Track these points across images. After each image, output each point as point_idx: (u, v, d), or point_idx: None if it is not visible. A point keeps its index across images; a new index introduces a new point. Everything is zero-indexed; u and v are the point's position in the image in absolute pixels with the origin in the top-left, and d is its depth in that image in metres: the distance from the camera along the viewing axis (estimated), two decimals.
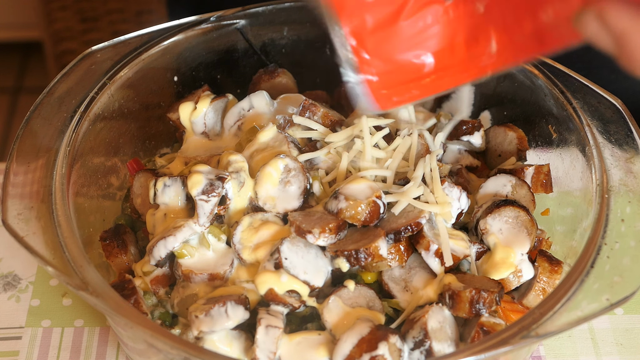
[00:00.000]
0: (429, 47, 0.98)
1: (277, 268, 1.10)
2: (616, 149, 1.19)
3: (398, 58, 0.98)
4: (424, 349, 1.05)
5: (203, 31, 1.38)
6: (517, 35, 0.95)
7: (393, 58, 0.97)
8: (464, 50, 0.98)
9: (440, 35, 0.97)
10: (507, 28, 0.95)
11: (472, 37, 0.97)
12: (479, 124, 1.33)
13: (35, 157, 1.17)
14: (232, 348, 1.08)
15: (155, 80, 1.38)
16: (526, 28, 0.93)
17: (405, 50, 0.97)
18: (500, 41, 0.96)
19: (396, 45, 0.97)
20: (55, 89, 1.25)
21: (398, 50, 0.97)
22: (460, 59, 0.99)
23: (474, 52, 0.98)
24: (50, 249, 1.06)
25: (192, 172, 1.17)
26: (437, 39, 0.97)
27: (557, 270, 1.16)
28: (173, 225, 1.16)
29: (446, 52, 0.98)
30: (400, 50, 0.97)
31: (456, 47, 0.98)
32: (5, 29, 3.52)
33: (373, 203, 1.13)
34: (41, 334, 1.30)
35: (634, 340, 1.29)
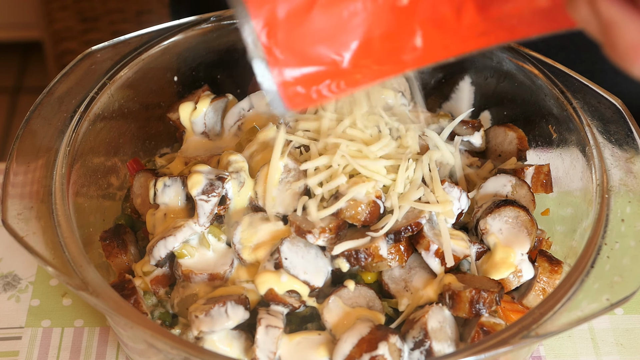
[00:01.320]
0: (345, 41, 0.90)
1: (277, 268, 1.10)
2: (616, 149, 1.19)
3: (312, 53, 0.90)
4: (424, 349, 1.05)
5: (203, 31, 1.38)
6: (453, 28, 0.89)
7: (306, 54, 0.90)
8: (384, 45, 0.91)
9: (357, 29, 0.90)
10: (440, 21, 0.89)
11: (393, 32, 0.90)
12: (479, 124, 1.33)
13: (35, 157, 1.17)
14: (232, 348, 1.08)
15: (155, 80, 1.38)
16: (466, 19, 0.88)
17: (319, 44, 0.90)
18: (427, 35, 0.90)
19: (310, 40, 0.90)
20: (55, 89, 1.25)
21: (311, 45, 0.90)
22: (380, 54, 0.92)
23: (395, 46, 0.91)
24: (50, 249, 1.06)
25: (192, 172, 1.17)
26: (354, 33, 0.90)
27: (557, 270, 1.16)
28: (173, 225, 1.16)
29: (364, 47, 0.91)
30: (314, 45, 0.90)
31: (375, 42, 0.91)
32: (5, 29, 3.52)
33: (373, 203, 1.13)
34: (41, 334, 1.30)
35: (634, 340, 1.29)
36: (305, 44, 0.90)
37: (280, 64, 0.90)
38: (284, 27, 0.89)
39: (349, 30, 0.90)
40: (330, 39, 0.90)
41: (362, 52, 0.91)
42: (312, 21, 0.89)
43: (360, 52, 0.91)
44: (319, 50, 0.91)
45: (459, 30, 0.89)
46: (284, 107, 0.93)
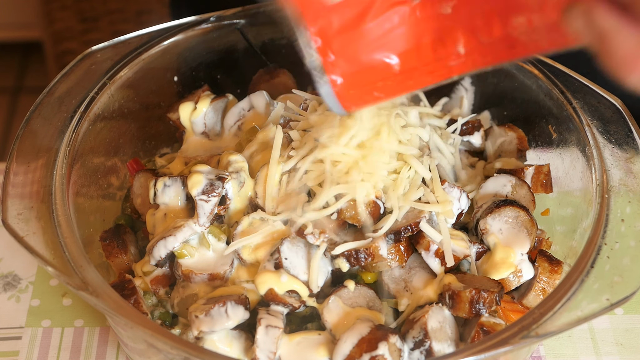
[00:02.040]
0: (395, 48, 0.96)
1: (277, 268, 1.10)
2: (616, 149, 1.19)
3: (364, 59, 0.96)
4: (424, 349, 1.05)
5: (203, 31, 1.38)
6: (485, 38, 0.94)
7: (359, 59, 0.96)
8: (431, 52, 0.96)
9: (406, 36, 0.96)
10: (475, 30, 0.94)
11: (439, 39, 0.96)
12: (479, 124, 1.33)
13: (35, 157, 1.17)
14: (232, 348, 1.08)
15: (155, 80, 1.38)
16: (495, 32, 0.92)
17: (371, 51, 0.96)
18: (468, 43, 0.95)
19: (362, 46, 0.95)
20: (55, 89, 1.25)
21: (364, 51, 0.96)
22: (427, 60, 0.97)
23: (441, 53, 0.96)
24: (50, 249, 1.06)
25: (192, 172, 1.17)
26: (403, 39, 0.96)
27: (557, 270, 1.16)
28: (173, 225, 1.16)
29: (413, 53, 0.97)
30: (367, 51, 0.96)
31: (423, 48, 0.96)
32: (5, 29, 3.52)
33: (373, 203, 1.13)
34: (41, 334, 1.30)
35: (634, 340, 1.29)
36: (359, 51, 0.95)
37: (336, 71, 0.95)
38: (338, 37, 0.94)
39: (399, 38, 0.96)
40: (382, 45, 0.96)
41: (412, 57, 0.96)
42: (365, 30, 0.94)
43: (410, 58, 0.96)
44: (372, 56, 0.96)
45: (492, 41, 0.93)
46: (342, 110, 0.98)
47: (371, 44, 0.95)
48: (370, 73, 0.97)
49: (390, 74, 0.97)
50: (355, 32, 0.94)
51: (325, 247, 1.11)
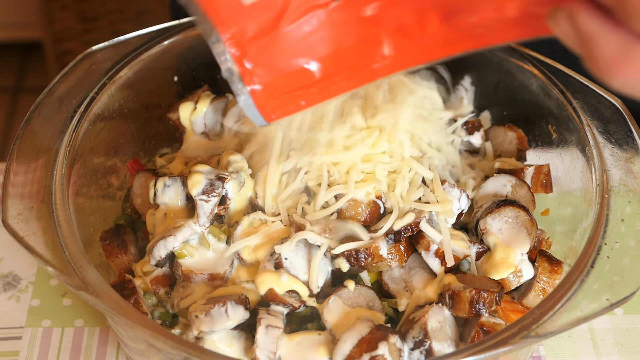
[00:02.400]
0: (315, 53, 0.92)
1: (277, 268, 1.10)
2: (616, 149, 1.19)
3: (283, 66, 0.92)
4: (424, 349, 1.05)
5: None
6: (419, 37, 0.90)
7: (277, 66, 0.92)
8: (352, 55, 0.93)
9: (326, 41, 0.92)
10: (405, 29, 0.91)
11: (361, 41, 0.92)
12: (479, 124, 1.33)
13: (35, 157, 1.17)
14: (232, 348, 1.08)
15: (155, 80, 1.38)
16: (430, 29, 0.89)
17: (290, 57, 0.92)
18: (394, 43, 0.92)
19: (280, 53, 0.91)
20: (55, 89, 1.25)
21: (282, 58, 0.92)
22: (349, 65, 0.94)
23: (364, 56, 0.93)
24: (50, 249, 1.06)
25: (192, 172, 1.17)
26: (323, 44, 0.92)
27: (557, 270, 1.16)
28: (173, 225, 1.16)
29: (333, 58, 0.93)
30: (285, 58, 0.92)
31: (344, 52, 0.93)
32: (5, 29, 3.52)
33: (373, 203, 1.13)
34: (41, 334, 1.30)
35: (634, 340, 1.29)
36: (277, 57, 0.91)
37: (254, 80, 0.91)
38: (254, 43, 0.90)
39: (318, 42, 0.92)
40: (301, 51, 0.92)
41: (333, 62, 0.93)
42: (282, 35, 0.90)
43: (331, 63, 0.93)
44: (291, 62, 0.92)
45: (425, 39, 0.90)
46: (262, 120, 0.95)
47: (289, 49, 0.91)
48: (290, 80, 0.93)
49: (312, 81, 0.93)
50: (272, 37, 0.90)
51: (326, 248, 1.11)
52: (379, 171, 1.14)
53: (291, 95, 0.94)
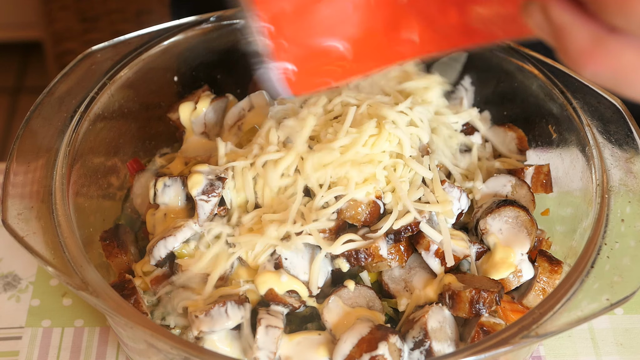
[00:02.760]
0: (347, 33, 0.96)
1: (277, 268, 1.10)
2: (616, 149, 1.19)
3: (315, 44, 0.96)
4: (424, 349, 1.05)
5: (203, 31, 1.38)
6: (441, 26, 0.94)
7: (310, 44, 0.96)
8: (383, 37, 0.96)
9: (359, 22, 0.95)
10: (431, 18, 0.94)
11: (393, 24, 0.96)
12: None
13: (35, 157, 1.17)
14: (232, 348, 1.08)
15: (155, 80, 1.38)
16: (450, 20, 0.92)
17: (323, 36, 0.95)
18: (422, 30, 0.95)
19: (314, 32, 0.95)
20: (55, 89, 1.25)
21: (316, 37, 0.95)
22: (379, 45, 0.97)
23: (394, 39, 0.96)
24: (50, 249, 1.06)
25: (192, 172, 1.17)
26: (356, 25, 0.95)
27: (557, 270, 1.16)
28: (173, 225, 1.16)
29: (365, 39, 0.96)
30: (318, 37, 0.95)
31: (375, 34, 0.96)
32: (5, 29, 3.52)
33: (373, 203, 1.13)
34: (41, 334, 1.30)
35: (634, 340, 1.29)
36: (310, 36, 0.95)
37: (287, 56, 0.94)
38: (291, 23, 0.93)
39: (352, 22, 0.95)
40: (334, 30, 0.95)
41: (364, 42, 0.96)
42: (318, 14, 0.94)
43: (362, 42, 0.96)
44: (324, 41, 0.95)
45: (446, 28, 0.94)
46: (290, 94, 0.98)
47: (323, 30, 0.95)
48: (320, 58, 0.96)
49: (340, 59, 0.96)
50: (308, 18, 0.93)
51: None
52: (379, 171, 1.14)
53: (320, 72, 0.97)
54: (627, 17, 0.66)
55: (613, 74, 0.70)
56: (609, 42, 0.69)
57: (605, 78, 0.71)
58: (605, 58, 0.70)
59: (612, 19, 0.67)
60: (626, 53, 0.69)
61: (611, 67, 0.70)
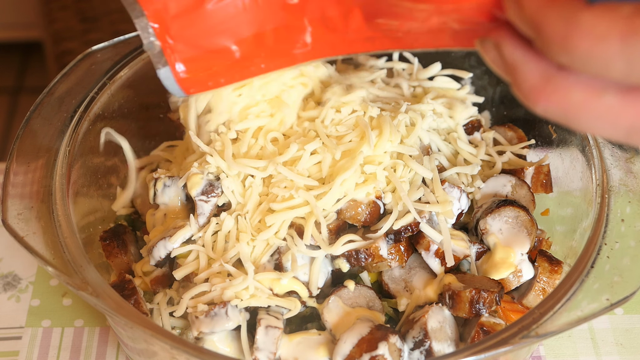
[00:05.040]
0: (237, 33, 0.95)
1: (277, 269, 1.10)
2: (616, 149, 1.19)
3: (204, 43, 0.95)
4: (424, 349, 1.05)
5: None
6: (338, 30, 0.92)
7: (199, 43, 0.95)
8: (274, 39, 0.95)
9: (249, 22, 0.94)
10: (328, 21, 0.93)
11: (283, 26, 0.94)
12: (479, 124, 1.33)
13: (35, 157, 1.17)
14: (232, 348, 1.08)
15: (155, 80, 1.37)
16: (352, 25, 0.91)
17: (211, 36, 0.94)
18: (316, 33, 0.94)
19: (202, 31, 0.94)
20: (55, 89, 1.26)
21: (204, 36, 0.94)
22: (271, 47, 0.96)
23: (285, 41, 0.95)
24: (50, 249, 1.06)
25: (191, 172, 1.17)
26: (245, 25, 0.94)
27: (557, 270, 1.16)
28: (173, 226, 1.16)
29: (255, 40, 0.95)
30: (207, 36, 0.94)
31: (266, 35, 0.95)
32: (5, 29, 3.52)
33: (373, 203, 1.13)
34: (41, 334, 1.30)
35: (634, 340, 1.29)
36: (198, 35, 0.94)
37: (175, 55, 0.94)
38: (177, 20, 0.92)
39: (241, 24, 0.94)
40: (223, 31, 0.94)
41: (254, 44, 0.95)
42: (205, 14, 0.93)
43: (252, 44, 0.95)
44: (212, 41, 0.95)
45: (346, 33, 0.92)
46: (181, 93, 0.98)
47: (211, 28, 0.94)
48: (210, 57, 0.96)
49: (232, 60, 0.96)
50: (195, 15, 0.92)
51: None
52: (380, 171, 1.14)
53: (211, 72, 0.97)
54: (571, 55, 0.66)
55: (563, 111, 0.71)
56: (558, 80, 0.70)
57: (556, 115, 0.72)
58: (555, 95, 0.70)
59: (558, 57, 0.68)
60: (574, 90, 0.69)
61: (560, 104, 0.70)
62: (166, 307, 1.13)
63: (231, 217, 1.13)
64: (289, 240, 1.10)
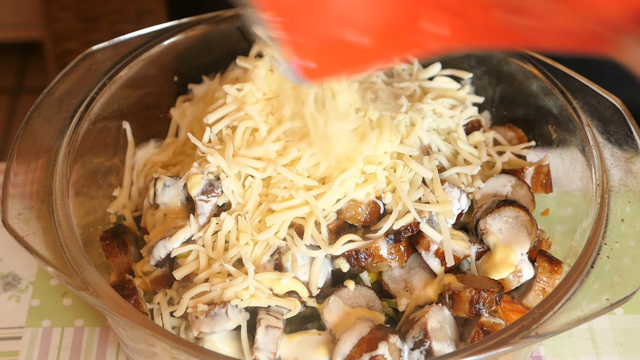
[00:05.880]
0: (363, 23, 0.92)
1: (277, 269, 1.10)
2: (616, 149, 1.19)
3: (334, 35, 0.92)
4: (424, 349, 1.05)
5: (203, 31, 1.38)
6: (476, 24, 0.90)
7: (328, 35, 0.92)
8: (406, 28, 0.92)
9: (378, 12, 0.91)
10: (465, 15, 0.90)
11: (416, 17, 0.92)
12: (479, 124, 1.33)
13: (35, 157, 1.17)
14: (232, 348, 1.08)
15: (155, 80, 1.38)
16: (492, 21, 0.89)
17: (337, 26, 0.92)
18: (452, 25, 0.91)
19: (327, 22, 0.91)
20: (55, 89, 1.26)
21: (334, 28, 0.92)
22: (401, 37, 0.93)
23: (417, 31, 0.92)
24: (50, 249, 1.06)
25: (191, 172, 1.17)
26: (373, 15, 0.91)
27: (557, 270, 1.16)
28: (173, 226, 1.16)
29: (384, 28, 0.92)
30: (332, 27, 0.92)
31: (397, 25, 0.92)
32: (5, 29, 3.52)
33: (373, 204, 1.13)
34: (41, 334, 1.30)
35: (634, 340, 1.29)
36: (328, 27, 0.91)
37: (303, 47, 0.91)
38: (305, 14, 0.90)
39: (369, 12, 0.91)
40: (349, 21, 0.91)
41: (381, 32, 0.92)
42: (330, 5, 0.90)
43: (379, 33, 0.92)
44: (338, 32, 0.92)
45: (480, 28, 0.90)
46: (307, 82, 0.95)
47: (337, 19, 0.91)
48: (339, 48, 0.93)
49: (361, 50, 0.93)
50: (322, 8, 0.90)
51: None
52: (380, 172, 1.14)
53: (339, 61, 0.94)
54: None
55: None
56: None
57: None
58: None
59: None
60: None
61: None
62: (166, 307, 1.13)
63: (231, 217, 1.13)
64: (289, 240, 1.10)
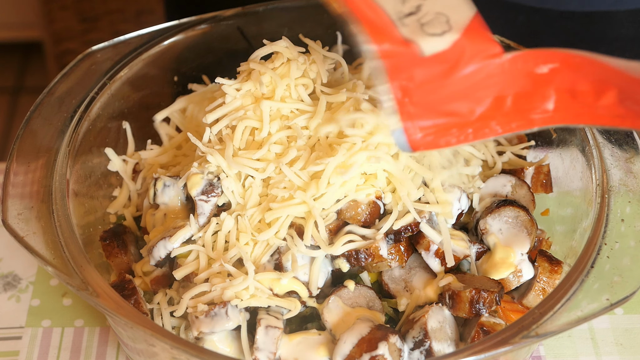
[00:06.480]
0: (478, 98, 0.94)
1: (277, 269, 1.10)
2: (616, 149, 1.19)
3: (444, 109, 0.95)
4: (424, 349, 1.05)
5: (203, 31, 1.38)
6: (586, 103, 0.92)
7: (438, 109, 0.95)
8: (514, 103, 0.95)
9: (490, 87, 0.94)
10: (575, 93, 0.92)
11: (527, 93, 0.94)
12: None
13: (35, 157, 1.17)
14: (232, 348, 1.08)
15: (155, 80, 1.38)
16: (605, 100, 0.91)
17: (451, 101, 0.94)
18: (561, 102, 0.94)
19: (443, 97, 0.94)
20: (55, 89, 1.26)
21: (444, 102, 0.94)
22: (510, 112, 0.95)
23: (526, 106, 0.95)
24: (50, 249, 1.06)
25: (191, 172, 1.17)
26: (487, 90, 0.94)
27: (557, 270, 1.16)
28: (173, 226, 1.16)
29: (495, 104, 0.95)
30: (447, 101, 0.94)
31: (507, 100, 0.95)
32: (5, 29, 3.52)
33: (373, 204, 1.13)
34: (41, 334, 1.30)
35: (634, 340, 1.29)
36: (438, 101, 0.94)
37: (413, 118, 0.94)
38: (420, 90, 0.93)
39: (483, 89, 0.94)
40: (464, 96, 0.94)
41: (492, 108, 0.95)
42: (449, 82, 0.93)
43: (490, 108, 0.95)
44: (451, 106, 0.94)
45: (595, 108, 0.92)
46: (410, 150, 0.96)
47: (452, 94, 0.94)
48: (447, 120, 0.95)
49: (467, 122, 0.95)
50: (439, 84, 0.93)
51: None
52: (380, 172, 1.14)
53: (444, 133, 0.95)
54: None
55: None
56: None
57: None
58: None
59: None
60: None
61: None
62: (166, 307, 1.13)
63: (231, 217, 1.13)
64: (289, 240, 1.10)
